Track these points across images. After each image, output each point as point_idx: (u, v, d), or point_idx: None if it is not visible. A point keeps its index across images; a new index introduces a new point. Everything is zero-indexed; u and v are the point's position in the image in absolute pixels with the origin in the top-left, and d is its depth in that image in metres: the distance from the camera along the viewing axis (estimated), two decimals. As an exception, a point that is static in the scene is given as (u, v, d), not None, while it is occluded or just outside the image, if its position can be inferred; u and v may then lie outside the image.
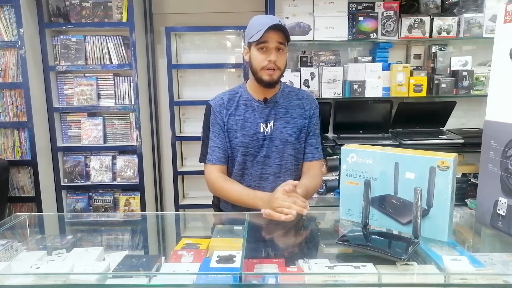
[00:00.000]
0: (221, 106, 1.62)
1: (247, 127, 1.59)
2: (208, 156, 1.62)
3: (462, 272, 0.91)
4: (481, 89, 2.60)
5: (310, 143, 1.65)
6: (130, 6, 2.65)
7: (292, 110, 1.62)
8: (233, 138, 1.60)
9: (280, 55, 1.51)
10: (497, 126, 1.13)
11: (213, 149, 1.61)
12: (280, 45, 1.50)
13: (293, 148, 1.61)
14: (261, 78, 1.53)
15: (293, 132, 1.60)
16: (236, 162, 1.61)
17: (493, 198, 1.14)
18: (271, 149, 1.59)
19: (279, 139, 1.59)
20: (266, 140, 1.59)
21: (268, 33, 1.46)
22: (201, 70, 2.97)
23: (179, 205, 2.96)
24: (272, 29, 1.45)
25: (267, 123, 1.59)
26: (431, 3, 2.65)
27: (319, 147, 1.67)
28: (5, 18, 2.57)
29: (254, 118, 1.59)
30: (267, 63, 1.49)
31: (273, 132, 1.59)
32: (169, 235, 1.45)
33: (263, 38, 1.47)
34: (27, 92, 2.58)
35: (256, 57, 1.52)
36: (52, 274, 0.93)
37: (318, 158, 1.66)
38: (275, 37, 1.48)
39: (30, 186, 2.73)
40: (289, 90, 1.67)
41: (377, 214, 1.19)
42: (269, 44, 1.48)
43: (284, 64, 1.55)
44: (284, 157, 1.60)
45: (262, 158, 1.60)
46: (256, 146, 1.59)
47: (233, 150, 1.61)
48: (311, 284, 0.95)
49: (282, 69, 1.55)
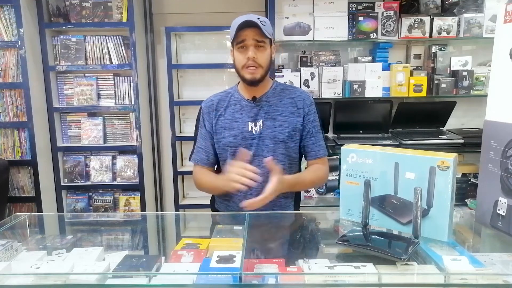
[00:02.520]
0: (210, 107, 1.61)
1: (235, 126, 1.56)
2: (193, 156, 1.65)
3: (462, 272, 0.91)
4: (481, 89, 2.60)
5: (311, 141, 1.60)
6: (130, 6, 2.65)
7: (284, 108, 1.57)
8: (222, 138, 1.58)
9: (260, 52, 1.47)
10: (497, 126, 1.13)
11: (198, 149, 1.64)
12: (259, 42, 1.46)
13: (285, 147, 1.56)
14: (243, 77, 1.51)
15: (284, 130, 1.55)
16: (227, 163, 1.56)
17: (493, 198, 1.14)
18: (262, 148, 1.55)
19: (269, 138, 1.55)
20: (255, 139, 1.55)
21: (244, 31, 1.44)
22: (201, 70, 2.97)
23: (179, 205, 2.95)
24: (247, 26, 1.43)
25: (256, 121, 1.55)
26: (431, 3, 2.65)
27: (321, 143, 1.62)
28: (5, 18, 2.56)
29: (242, 117, 1.57)
30: (246, 60, 1.47)
31: (263, 131, 1.55)
32: (169, 235, 1.45)
33: (240, 37, 1.45)
34: (27, 92, 2.58)
35: (236, 56, 1.50)
36: (52, 274, 0.93)
37: (322, 155, 1.61)
38: (251, 35, 1.44)
39: (30, 186, 2.73)
40: (281, 88, 1.62)
41: (377, 214, 1.19)
42: (246, 42, 1.46)
43: (266, 61, 1.50)
44: (276, 156, 1.54)
45: (252, 157, 1.53)
46: (245, 146, 1.54)
47: (222, 151, 1.59)
48: (311, 284, 0.95)
49: (265, 67, 1.50)
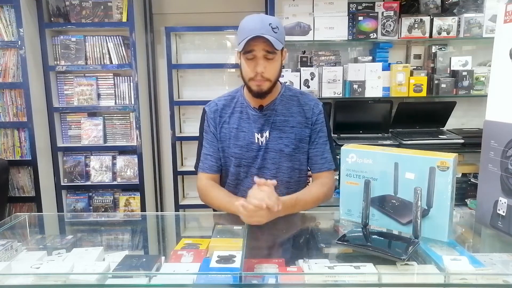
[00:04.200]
0: (215, 112, 1.53)
1: (241, 137, 1.49)
2: (200, 164, 1.55)
3: (462, 272, 0.91)
4: (481, 89, 2.60)
5: (316, 153, 1.51)
6: (130, 6, 2.65)
7: (291, 118, 1.49)
8: (226, 147, 1.51)
9: (269, 64, 1.37)
10: (497, 126, 1.13)
11: (205, 156, 1.54)
12: (268, 54, 1.35)
13: (290, 159, 1.49)
14: (250, 88, 1.43)
15: (290, 142, 1.48)
16: (230, 173, 1.53)
17: (493, 198, 1.14)
18: (266, 160, 1.49)
19: (275, 150, 1.48)
20: (260, 151, 1.48)
21: (254, 41, 1.33)
22: (201, 70, 2.97)
23: (179, 205, 2.96)
24: (257, 37, 1.32)
25: (262, 132, 1.48)
26: (431, 3, 2.65)
27: (327, 156, 1.51)
28: (5, 18, 2.56)
29: (249, 127, 1.49)
30: (254, 74, 1.38)
31: (269, 142, 1.48)
32: (169, 235, 1.45)
33: (249, 47, 1.34)
34: (27, 92, 2.58)
35: (244, 66, 1.41)
36: (52, 274, 0.93)
37: (326, 169, 1.51)
38: (261, 46, 1.34)
39: (30, 186, 2.73)
40: (290, 95, 1.53)
41: (377, 214, 1.19)
42: (256, 53, 1.35)
43: (275, 73, 1.41)
44: (281, 169, 1.49)
45: (257, 170, 1.49)
46: (250, 157, 1.49)
47: (227, 160, 1.53)
48: (311, 284, 0.95)
49: (273, 79, 1.41)
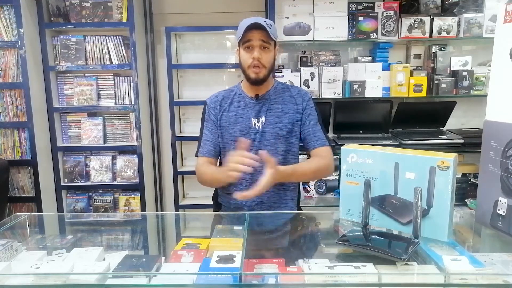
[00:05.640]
0: (215, 103, 1.69)
1: (240, 122, 1.65)
2: (200, 149, 1.69)
3: (462, 272, 0.91)
4: (481, 89, 2.60)
5: (308, 132, 1.66)
6: (130, 6, 2.65)
7: (284, 105, 1.66)
8: (226, 132, 1.66)
9: (265, 53, 1.57)
10: (497, 126, 1.13)
11: (205, 142, 1.68)
12: (264, 44, 1.55)
13: (284, 141, 1.64)
14: (248, 76, 1.60)
15: (284, 126, 1.64)
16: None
17: (493, 198, 1.14)
18: (263, 143, 1.63)
19: (271, 133, 1.63)
20: (257, 134, 1.64)
21: (252, 32, 1.53)
22: (201, 70, 2.97)
23: (179, 205, 2.95)
24: (254, 28, 1.52)
25: (259, 118, 1.64)
26: (431, 3, 2.65)
27: (319, 134, 1.66)
28: (5, 18, 2.56)
29: (247, 113, 1.65)
30: (252, 60, 1.56)
31: (265, 126, 1.64)
32: (169, 235, 1.45)
33: (247, 37, 1.54)
34: (27, 92, 2.57)
35: (242, 56, 1.59)
36: (52, 274, 0.93)
37: (319, 145, 1.64)
38: (258, 36, 1.54)
39: (30, 186, 2.73)
40: (282, 87, 1.72)
41: (377, 214, 1.20)
42: (253, 43, 1.55)
43: (270, 62, 1.59)
44: (276, 151, 1.63)
45: (254, 152, 1.54)
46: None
47: (226, 145, 1.66)
48: (311, 284, 0.95)
49: (269, 67, 1.59)
